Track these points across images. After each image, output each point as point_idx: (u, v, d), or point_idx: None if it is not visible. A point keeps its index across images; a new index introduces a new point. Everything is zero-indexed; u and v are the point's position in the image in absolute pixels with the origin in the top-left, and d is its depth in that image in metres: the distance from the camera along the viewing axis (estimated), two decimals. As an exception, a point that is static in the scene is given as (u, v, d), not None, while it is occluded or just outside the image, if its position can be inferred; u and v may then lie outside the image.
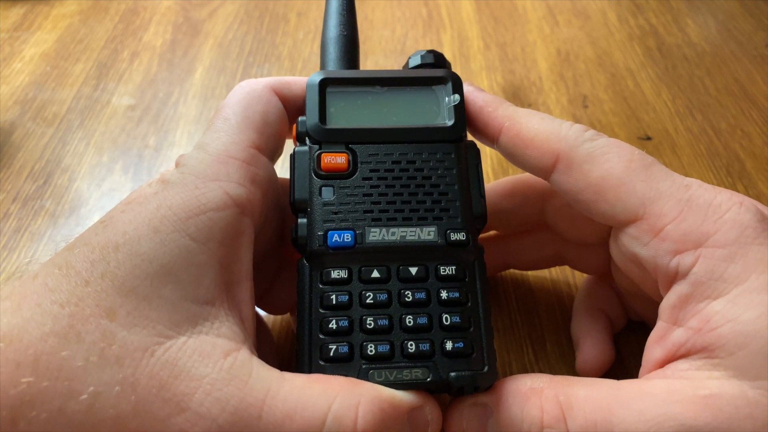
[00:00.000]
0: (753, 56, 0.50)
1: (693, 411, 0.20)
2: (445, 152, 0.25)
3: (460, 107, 0.26)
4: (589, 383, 0.22)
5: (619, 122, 0.45)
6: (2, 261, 0.35)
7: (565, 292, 0.33)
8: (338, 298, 0.23)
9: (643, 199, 0.23)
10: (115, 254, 0.20)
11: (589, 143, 0.24)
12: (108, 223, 0.21)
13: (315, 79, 0.26)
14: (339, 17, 0.29)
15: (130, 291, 0.19)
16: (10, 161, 0.41)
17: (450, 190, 0.24)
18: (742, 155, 0.42)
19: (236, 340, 0.20)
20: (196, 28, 0.53)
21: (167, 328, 0.19)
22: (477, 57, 0.51)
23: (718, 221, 0.22)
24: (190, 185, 0.22)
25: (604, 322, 0.30)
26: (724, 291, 0.21)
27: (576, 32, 0.53)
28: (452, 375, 0.22)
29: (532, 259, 0.31)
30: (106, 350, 0.18)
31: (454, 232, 0.24)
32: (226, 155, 0.23)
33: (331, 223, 0.23)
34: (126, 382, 0.18)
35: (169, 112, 0.45)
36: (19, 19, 0.54)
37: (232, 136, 0.24)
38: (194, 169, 0.22)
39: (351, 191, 0.24)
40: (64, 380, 0.18)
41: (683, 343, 0.21)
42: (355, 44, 0.29)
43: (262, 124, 0.25)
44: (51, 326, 0.18)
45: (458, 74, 0.27)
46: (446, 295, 0.23)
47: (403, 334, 0.22)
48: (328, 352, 0.22)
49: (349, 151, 0.25)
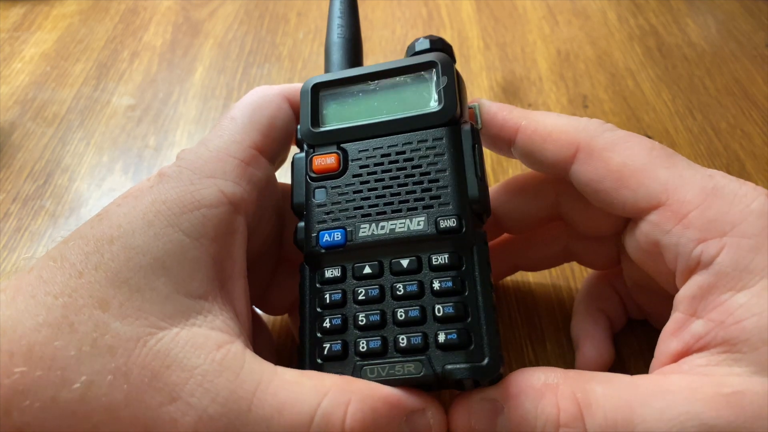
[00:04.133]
0: (753, 56, 0.50)
1: (715, 410, 0.19)
2: (435, 138, 0.24)
3: (450, 89, 0.24)
4: (606, 379, 0.21)
5: (619, 122, 0.45)
6: (2, 261, 0.35)
7: (565, 292, 0.33)
8: (332, 296, 0.23)
9: (666, 185, 0.22)
10: (110, 246, 0.20)
11: (609, 133, 0.24)
12: (104, 217, 0.21)
13: (307, 85, 0.26)
14: (341, 20, 0.29)
15: (123, 282, 0.19)
16: (10, 161, 0.41)
17: (440, 177, 0.23)
18: (742, 155, 0.42)
19: (230, 333, 0.20)
20: (196, 28, 0.53)
21: (159, 319, 0.19)
22: (477, 57, 0.51)
23: (744, 210, 0.21)
24: (185, 180, 0.22)
25: (604, 322, 0.30)
26: (749, 283, 0.20)
27: (576, 32, 0.53)
28: (447, 368, 0.21)
29: (541, 258, 0.31)
30: (99, 340, 0.18)
31: (444, 219, 0.23)
32: (225, 153, 0.23)
33: (324, 224, 0.24)
34: (118, 372, 0.18)
35: (169, 112, 0.45)
36: (19, 19, 0.54)
37: (234, 135, 0.24)
38: (191, 164, 0.23)
39: (342, 190, 0.24)
40: (57, 369, 0.18)
41: (702, 336, 0.21)
42: (359, 47, 0.29)
43: (268, 128, 0.25)
44: (44, 317, 0.18)
45: (450, 58, 0.26)
46: (439, 285, 0.22)
47: (396, 329, 0.22)
48: (323, 350, 0.22)
49: (340, 150, 0.25)
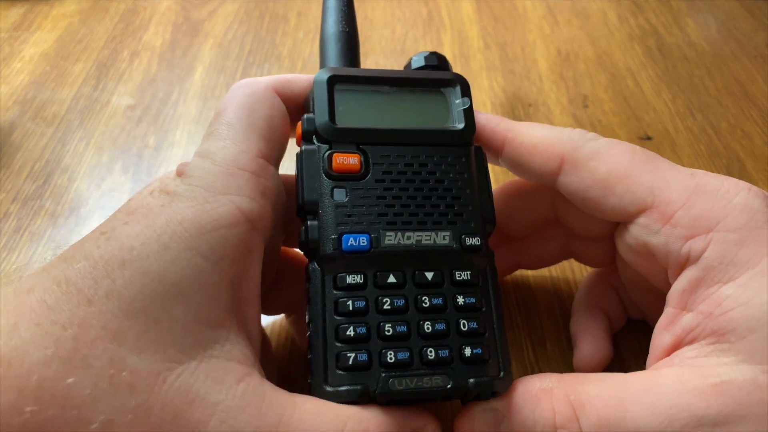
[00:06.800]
0: (753, 56, 0.50)
1: (705, 400, 0.19)
2: (456, 156, 0.24)
3: (470, 111, 0.25)
4: (599, 379, 0.22)
5: (619, 122, 0.45)
6: (2, 261, 0.35)
7: (565, 292, 0.33)
8: (355, 304, 0.22)
9: (651, 188, 0.23)
10: (121, 271, 0.19)
11: (592, 142, 0.24)
12: (110, 235, 0.20)
13: (323, 76, 0.25)
14: (339, 13, 0.29)
15: (139, 312, 0.18)
16: (10, 161, 0.41)
17: (462, 195, 0.24)
18: (743, 155, 0.42)
19: (247, 363, 0.20)
20: (196, 28, 0.53)
21: (178, 351, 0.18)
22: (477, 57, 0.51)
23: (727, 206, 0.22)
24: (199, 198, 0.21)
25: (603, 320, 0.30)
26: (735, 275, 0.21)
27: (576, 32, 0.53)
28: (471, 381, 0.21)
29: (541, 255, 0.31)
30: (116, 377, 0.17)
31: (468, 237, 0.23)
32: (235, 166, 0.22)
33: (345, 226, 0.22)
34: (139, 410, 0.17)
35: (168, 112, 0.45)
36: (18, 19, 0.54)
37: (239, 145, 0.22)
38: (202, 181, 0.21)
39: (364, 193, 0.23)
40: (71, 408, 0.17)
41: (693, 328, 0.21)
42: (356, 41, 0.29)
43: (268, 130, 0.24)
44: (54, 350, 0.17)
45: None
46: (463, 300, 0.22)
47: (422, 341, 0.22)
48: (346, 360, 0.21)
49: (361, 152, 0.24)
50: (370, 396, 0.21)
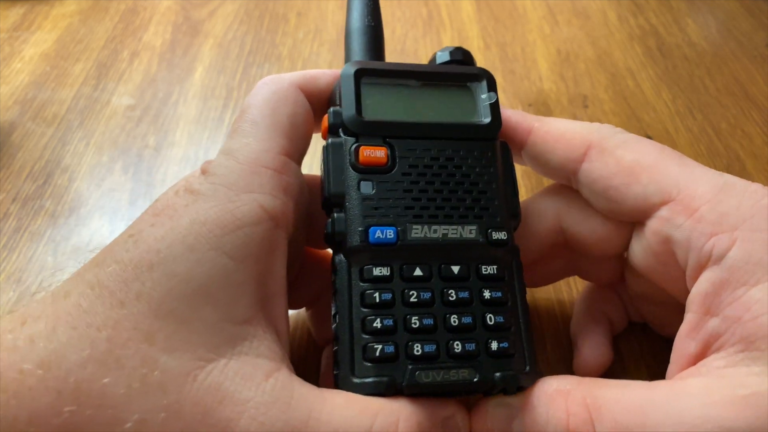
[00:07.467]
0: (753, 56, 0.50)
1: (733, 412, 0.18)
2: (482, 150, 0.25)
3: (496, 106, 0.25)
4: (621, 385, 0.21)
5: (619, 122, 0.45)
6: (2, 261, 0.35)
7: (565, 294, 0.33)
8: (381, 296, 0.22)
9: (677, 180, 0.23)
10: (150, 274, 0.19)
11: (621, 134, 0.25)
12: (138, 238, 0.20)
13: (350, 70, 0.25)
14: (365, 8, 0.29)
15: (168, 313, 0.19)
16: (10, 161, 0.41)
17: (489, 189, 0.24)
18: (743, 155, 0.42)
19: (275, 359, 0.20)
20: (196, 28, 0.53)
21: (207, 350, 0.19)
22: (477, 57, 0.51)
23: (755, 205, 0.21)
24: (222, 197, 0.21)
25: (604, 323, 0.29)
26: (763, 277, 0.20)
27: (576, 32, 0.53)
28: (498, 375, 0.21)
29: (545, 275, 0.30)
30: (149, 376, 0.18)
31: (495, 231, 0.23)
32: (258, 164, 0.22)
33: (372, 219, 0.23)
34: (171, 409, 0.18)
35: (169, 112, 0.45)
36: (18, 19, 0.54)
37: (262, 143, 0.23)
38: (225, 180, 0.21)
39: (391, 186, 0.23)
40: (107, 408, 0.17)
41: (720, 334, 0.20)
42: (381, 35, 0.29)
43: (291, 128, 0.24)
44: (89, 352, 0.18)
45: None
46: (489, 294, 0.23)
47: (448, 334, 0.22)
48: (373, 351, 0.21)
49: (387, 145, 0.24)
50: (396, 388, 0.21)
